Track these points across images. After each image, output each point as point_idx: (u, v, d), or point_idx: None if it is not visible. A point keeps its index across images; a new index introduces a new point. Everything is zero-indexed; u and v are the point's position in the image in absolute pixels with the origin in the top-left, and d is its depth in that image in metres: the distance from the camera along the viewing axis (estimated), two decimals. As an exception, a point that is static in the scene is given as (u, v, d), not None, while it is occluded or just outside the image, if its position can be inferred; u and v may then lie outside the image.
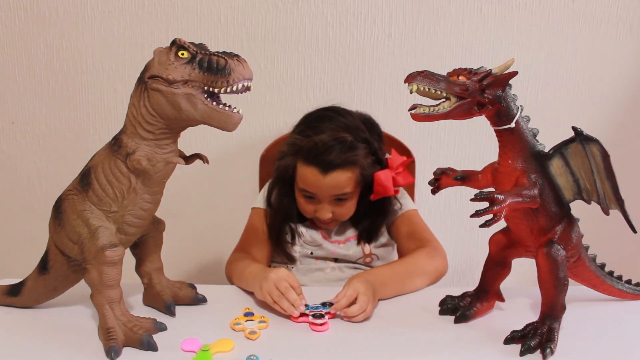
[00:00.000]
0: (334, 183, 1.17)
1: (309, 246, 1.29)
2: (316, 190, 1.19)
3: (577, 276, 0.99)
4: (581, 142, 0.86)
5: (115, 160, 0.85)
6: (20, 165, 1.62)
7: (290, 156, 1.22)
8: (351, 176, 1.18)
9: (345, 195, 1.20)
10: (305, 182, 1.19)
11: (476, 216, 0.79)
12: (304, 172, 1.18)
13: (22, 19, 1.52)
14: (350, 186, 1.19)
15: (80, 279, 0.96)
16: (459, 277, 1.71)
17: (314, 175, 1.16)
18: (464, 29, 1.53)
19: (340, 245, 1.29)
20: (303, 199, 1.23)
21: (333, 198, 1.20)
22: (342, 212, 1.23)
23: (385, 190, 1.21)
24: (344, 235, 1.30)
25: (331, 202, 1.21)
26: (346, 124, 1.20)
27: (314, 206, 1.22)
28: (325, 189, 1.18)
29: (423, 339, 0.92)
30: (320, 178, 1.16)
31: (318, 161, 1.15)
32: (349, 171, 1.17)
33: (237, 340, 0.89)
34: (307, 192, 1.21)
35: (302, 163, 1.18)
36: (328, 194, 1.19)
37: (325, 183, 1.16)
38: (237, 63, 0.79)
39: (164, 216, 1.00)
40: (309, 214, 1.25)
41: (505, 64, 0.84)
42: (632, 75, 1.59)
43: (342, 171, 1.16)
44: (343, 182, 1.18)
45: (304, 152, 1.17)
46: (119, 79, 1.55)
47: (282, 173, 1.24)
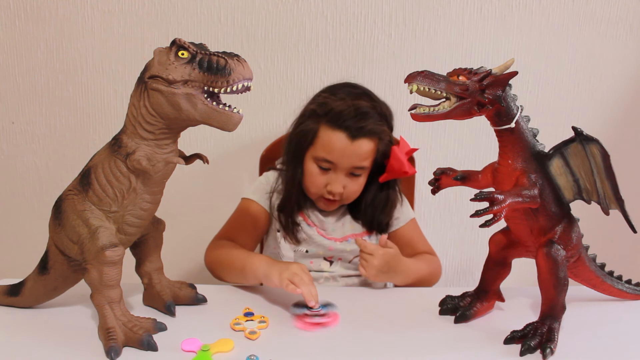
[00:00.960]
0: (360, 151, 1.17)
1: (305, 244, 1.27)
2: (339, 158, 1.17)
3: (577, 276, 0.99)
4: (581, 142, 0.86)
5: (115, 160, 0.85)
6: (20, 165, 1.62)
7: (315, 119, 1.20)
8: (373, 148, 1.19)
9: (362, 169, 1.20)
10: (328, 148, 1.17)
11: (476, 216, 0.79)
12: (329, 136, 1.17)
13: (22, 19, 1.52)
14: (369, 159, 1.20)
15: (80, 279, 0.96)
16: (459, 277, 1.71)
17: (341, 141, 1.15)
18: (464, 29, 1.53)
19: (337, 242, 1.28)
20: (316, 170, 1.20)
21: (350, 170, 1.19)
22: (352, 189, 1.22)
23: (400, 166, 1.21)
24: (341, 233, 1.29)
25: (346, 175, 1.20)
26: (371, 98, 1.23)
27: (326, 179, 1.20)
28: (349, 156, 1.17)
29: (423, 339, 0.92)
30: (348, 144, 1.15)
31: (347, 125, 1.15)
32: (373, 142, 1.18)
33: (237, 340, 0.89)
34: (325, 161, 1.19)
35: (328, 127, 1.17)
36: (350, 163, 1.18)
37: (351, 150, 1.16)
38: (237, 63, 0.79)
39: (164, 216, 1.00)
40: (317, 188, 1.22)
41: (505, 64, 0.85)
42: (632, 75, 1.59)
43: (368, 140, 1.17)
44: (366, 152, 1.18)
45: (334, 115, 1.16)
46: (119, 79, 1.55)
47: (301, 139, 1.21)
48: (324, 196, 1.23)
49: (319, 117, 1.19)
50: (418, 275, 1.18)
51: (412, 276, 1.17)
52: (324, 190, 1.21)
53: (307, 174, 1.23)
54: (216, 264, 1.18)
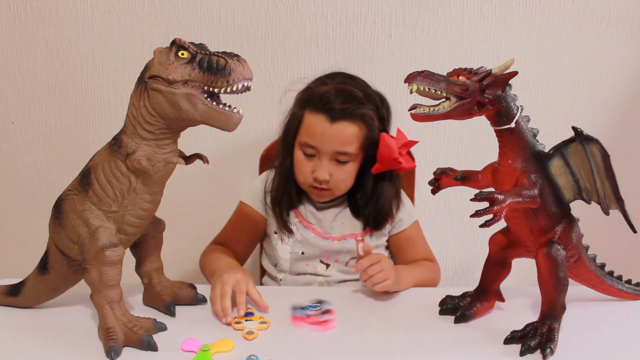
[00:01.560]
0: (340, 134, 1.15)
1: (300, 245, 1.26)
2: (320, 142, 1.16)
3: (577, 276, 0.99)
4: (581, 142, 0.86)
5: (115, 160, 0.85)
6: (20, 165, 1.62)
7: (299, 105, 1.21)
8: (357, 133, 1.17)
9: (347, 155, 1.18)
10: (310, 132, 1.17)
11: (476, 216, 0.79)
12: (311, 120, 1.17)
13: (22, 19, 1.52)
14: (354, 145, 1.17)
15: (80, 279, 0.96)
16: (459, 277, 1.71)
17: (321, 123, 1.15)
18: (464, 29, 1.53)
19: (334, 242, 1.26)
20: (302, 156, 1.20)
21: (334, 155, 1.18)
22: (341, 177, 1.20)
23: (389, 153, 1.18)
24: (340, 231, 1.27)
25: (331, 161, 1.18)
26: (361, 84, 1.22)
27: (312, 165, 1.19)
28: (330, 139, 1.15)
29: (423, 339, 0.92)
30: (327, 126, 1.14)
31: (327, 108, 1.15)
32: (356, 125, 1.16)
33: (237, 340, 0.89)
34: (308, 146, 1.18)
35: (310, 111, 1.17)
36: (331, 147, 1.16)
37: (332, 132, 1.15)
38: (237, 63, 0.79)
39: (164, 216, 1.00)
40: (305, 176, 1.20)
41: (505, 64, 0.85)
42: (632, 75, 1.59)
43: (350, 123, 1.16)
44: (348, 136, 1.16)
45: (314, 99, 1.17)
46: (119, 79, 1.55)
47: (289, 124, 1.23)
48: (313, 185, 1.21)
49: (303, 102, 1.20)
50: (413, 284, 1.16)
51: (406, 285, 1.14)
52: (311, 178, 1.20)
53: (295, 163, 1.22)
54: (202, 268, 1.22)
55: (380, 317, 1.00)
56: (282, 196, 1.25)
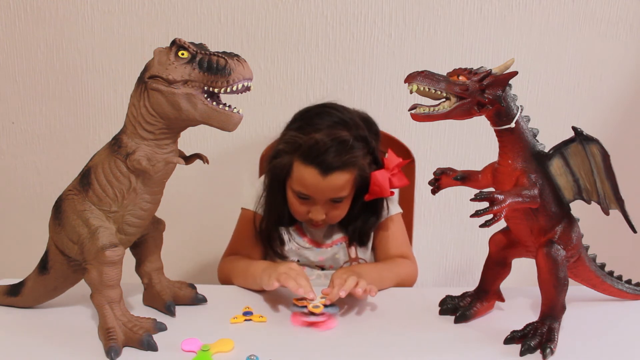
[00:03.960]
0: (333, 185, 1.15)
1: (295, 255, 1.27)
2: (314, 193, 1.16)
3: (577, 276, 0.99)
4: (581, 142, 0.86)
5: (115, 160, 0.85)
6: (20, 165, 1.62)
7: (288, 154, 1.18)
8: (349, 178, 1.16)
9: (340, 198, 1.19)
10: (303, 184, 1.16)
11: (476, 216, 0.79)
12: (302, 172, 1.15)
13: (22, 19, 1.52)
14: (347, 189, 1.17)
15: (80, 279, 0.96)
16: (459, 277, 1.71)
17: (313, 177, 1.13)
18: (464, 29, 1.53)
19: (327, 249, 1.27)
20: (297, 200, 1.20)
21: (329, 200, 1.19)
22: (336, 214, 1.21)
23: (381, 191, 1.19)
24: (330, 238, 1.29)
25: (326, 204, 1.19)
26: (345, 121, 1.18)
27: (307, 207, 1.20)
28: (323, 191, 1.15)
29: (423, 339, 0.92)
30: (320, 180, 1.13)
31: (319, 162, 1.12)
32: (348, 173, 1.15)
33: (237, 340, 0.89)
34: (302, 194, 1.18)
35: (301, 163, 1.15)
36: (325, 196, 1.17)
37: (325, 185, 1.14)
38: (237, 63, 0.79)
39: (164, 216, 1.00)
40: (301, 216, 1.22)
41: (505, 64, 0.85)
42: (632, 75, 1.59)
43: (342, 173, 1.14)
44: (342, 185, 1.15)
45: (304, 151, 1.14)
46: (119, 79, 1.55)
47: (277, 172, 1.20)
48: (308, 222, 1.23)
49: (293, 149, 1.17)
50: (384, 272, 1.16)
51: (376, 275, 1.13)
52: (307, 217, 1.21)
53: (289, 201, 1.22)
54: (227, 280, 1.19)
55: (380, 317, 1.00)
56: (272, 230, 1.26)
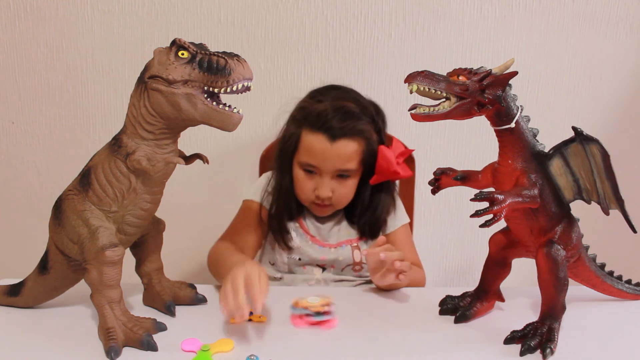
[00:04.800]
0: (340, 153, 1.15)
1: (297, 252, 1.27)
2: (321, 162, 1.16)
3: (577, 276, 0.99)
4: (581, 142, 0.86)
5: (115, 160, 0.85)
6: (20, 165, 1.62)
7: (296, 124, 1.19)
8: (357, 149, 1.17)
9: (348, 171, 1.18)
10: (310, 151, 1.16)
11: (476, 216, 0.79)
12: (310, 140, 1.16)
13: (22, 19, 1.52)
14: (354, 161, 1.18)
15: (80, 279, 0.96)
16: (459, 277, 1.71)
17: (321, 143, 1.14)
18: (464, 29, 1.53)
19: (331, 250, 1.27)
20: (303, 175, 1.19)
21: (336, 173, 1.18)
22: (342, 193, 1.20)
23: (388, 165, 1.18)
24: (336, 239, 1.28)
25: (333, 178, 1.18)
26: (354, 98, 1.21)
27: (313, 183, 1.19)
28: (330, 158, 1.15)
29: (423, 339, 0.92)
30: (328, 146, 1.14)
31: (326, 127, 1.14)
32: (355, 142, 1.16)
33: (237, 340, 0.89)
34: (309, 165, 1.18)
35: (309, 130, 1.16)
36: (332, 165, 1.16)
37: (332, 151, 1.14)
38: (237, 63, 0.79)
39: (164, 216, 1.00)
40: (307, 194, 1.21)
41: (505, 64, 0.85)
42: (632, 75, 1.59)
43: (349, 141, 1.15)
44: (349, 154, 1.16)
45: (312, 118, 1.16)
46: (119, 79, 1.55)
47: (286, 143, 1.21)
48: (314, 201, 1.22)
49: (300, 121, 1.19)
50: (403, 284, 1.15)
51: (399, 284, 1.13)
52: (313, 195, 1.20)
53: (295, 180, 1.22)
54: (212, 266, 1.18)
55: (380, 317, 1.00)
56: (281, 214, 1.25)
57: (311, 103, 1.20)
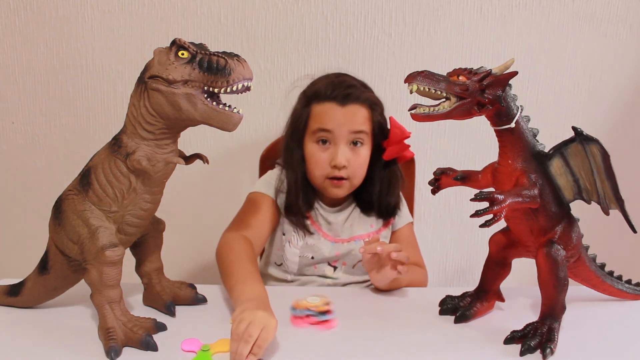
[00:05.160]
0: (352, 114, 1.19)
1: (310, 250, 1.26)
2: (334, 124, 1.18)
3: (577, 276, 0.99)
4: (581, 142, 0.86)
5: (115, 160, 0.85)
6: (20, 165, 1.62)
7: (304, 103, 1.24)
8: (367, 115, 1.21)
9: (361, 134, 1.20)
10: (323, 118, 1.19)
11: (476, 216, 0.79)
12: (321, 109, 1.20)
13: (22, 19, 1.52)
14: (367, 125, 1.21)
15: (80, 279, 0.96)
16: (459, 277, 1.71)
17: (332, 108, 1.18)
18: (464, 29, 1.53)
19: (343, 244, 1.26)
20: (317, 147, 1.20)
21: (350, 138, 1.19)
22: (357, 163, 1.20)
23: (402, 133, 1.22)
24: (349, 233, 1.27)
25: (347, 145, 1.19)
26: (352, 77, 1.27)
27: (329, 154, 1.19)
28: (344, 120, 1.18)
29: (423, 339, 0.92)
30: (339, 109, 1.18)
31: (334, 95, 1.19)
32: (364, 108, 1.21)
33: (237, 340, 0.89)
34: (323, 131, 1.19)
35: (318, 102, 1.21)
36: (346, 127, 1.18)
37: (344, 114, 1.18)
38: (237, 63, 0.79)
39: (164, 216, 1.00)
40: (323, 167, 1.19)
41: (505, 64, 0.85)
42: (632, 75, 1.59)
43: (359, 105, 1.20)
44: (360, 117, 1.20)
45: (320, 91, 1.21)
46: (119, 79, 1.55)
47: (296, 123, 1.24)
48: (330, 175, 1.20)
49: (308, 99, 1.24)
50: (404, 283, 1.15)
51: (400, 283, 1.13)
52: (329, 168, 1.19)
53: (309, 158, 1.22)
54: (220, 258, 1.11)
55: (380, 317, 1.00)
56: (296, 199, 1.24)
57: (314, 83, 1.26)
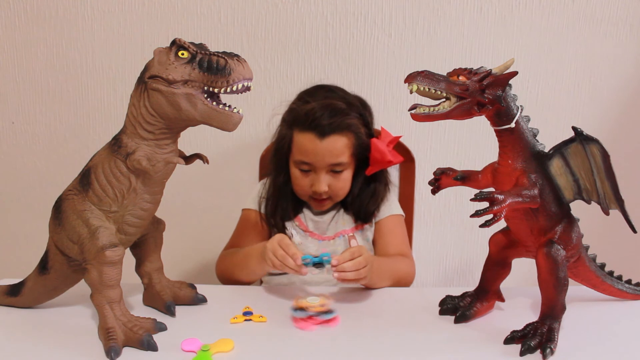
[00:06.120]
0: (331, 148, 1.18)
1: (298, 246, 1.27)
2: (313, 158, 1.20)
3: (577, 276, 0.99)
4: (581, 142, 0.86)
5: (115, 160, 0.85)
6: (20, 165, 1.62)
7: (287, 126, 1.23)
8: (347, 143, 1.20)
9: (341, 165, 1.21)
10: (302, 150, 1.20)
11: (476, 216, 0.79)
12: (301, 139, 1.20)
13: (22, 19, 1.52)
14: (346, 155, 1.21)
15: (80, 279, 0.96)
16: (459, 277, 1.71)
17: (311, 141, 1.18)
18: (464, 29, 1.53)
19: (329, 242, 1.29)
20: (299, 173, 1.23)
21: (329, 168, 1.21)
22: (338, 186, 1.24)
23: (382, 157, 1.22)
24: (334, 230, 1.30)
25: (327, 173, 1.21)
26: (340, 95, 1.25)
27: (309, 180, 1.22)
28: (322, 154, 1.19)
29: (423, 339, 0.92)
30: (318, 143, 1.18)
31: (314, 125, 1.17)
32: (344, 137, 1.20)
33: (237, 340, 0.89)
34: (303, 163, 1.21)
35: (299, 131, 1.20)
36: (325, 161, 1.20)
37: (323, 148, 1.18)
38: (237, 63, 0.79)
39: (164, 216, 1.00)
40: (304, 190, 1.24)
41: (505, 64, 0.85)
42: (632, 75, 1.59)
43: (339, 136, 1.19)
44: (340, 148, 1.19)
45: (300, 119, 1.19)
46: (119, 79, 1.55)
47: (279, 145, 1.25)
48: (313, 196, 1.25)
49: (290, 123, 1.23)
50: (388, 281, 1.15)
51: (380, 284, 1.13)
52: (310, 191, 1.24)
53: (293, 179, 1.26)
54: (225, 273, 1.21)
55: (380, 317, 1.00)
56: (275, 210, 1.28)
57: (299, 104, 1.23)
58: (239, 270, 1.16)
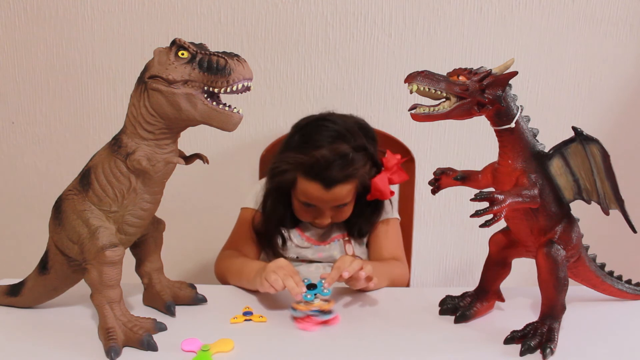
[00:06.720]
0: (337, 196, 1.19)
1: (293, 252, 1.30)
2: (317, 203, 1.21)
3: (577, 276, 0.99)
4: (581, 142, 0.86)
5: (115, 160, 0.85)
6: (20, 165, 1.62)
7: (291, 172, 1.20)
8: (352, 188, 1.21)
9: (345, 204, 1.23)
10: (307, 195, 1.19)
11: (476, 216, 0.79)
12: (306, 186, 1.18)
13: (22, 19, 1.52)
14: (350, 196, 1.22)
15: (80, 279, 0.96)
16: (459, 277, 1.71)
17: (317, 190, 1.17)
18: (464, 29, 1.53)
19: (325, 247, 1.30)
20: (303, 208, 1.24)
21: (333, 207, 1.23)
22: (341, 217, 1.26)
23: (382, 195, 1.24)
24: (329, 236, 1.31)
25: (331, 209, 1.23)
26: (343, 133, 1.19)
27: (313, 214, 1.24)
28: (327, 201, 1.20)
29: (423, 339, 0.92)
30: (324, 193, 1.17)
31: (321, 177, 1.16)
32: (350, 184, 1.19)
33: (237, 340, 0.89)
34: (308, 204, 1.22)
35: (304, 177, 1.18)
36: (329, 204, 1.21)
37: (329, 197, 1.18)
38: (237, 63, 0.79)
39: (164, 216, 1.00)
40: (306, 219, 1.27)
41: (505, 64, 0.84)
42: (632, 75, 1.59)
43: (344, 185, 1.18)
44: (345, 194, 1.20)
45: (306, 168, 1.17)
46: (119, 79, 1.55)
47: (281, 185, 1.23)
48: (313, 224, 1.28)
49: (295, 166, 1.19)
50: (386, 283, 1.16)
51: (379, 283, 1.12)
52: (313, 220, 1.26)
53: (294, 207, 1.26)
54: (222, 275, 1.21)
55: (380, 317, 1.00)
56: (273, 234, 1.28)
57: (305, 147, 1.18)
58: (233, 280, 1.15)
